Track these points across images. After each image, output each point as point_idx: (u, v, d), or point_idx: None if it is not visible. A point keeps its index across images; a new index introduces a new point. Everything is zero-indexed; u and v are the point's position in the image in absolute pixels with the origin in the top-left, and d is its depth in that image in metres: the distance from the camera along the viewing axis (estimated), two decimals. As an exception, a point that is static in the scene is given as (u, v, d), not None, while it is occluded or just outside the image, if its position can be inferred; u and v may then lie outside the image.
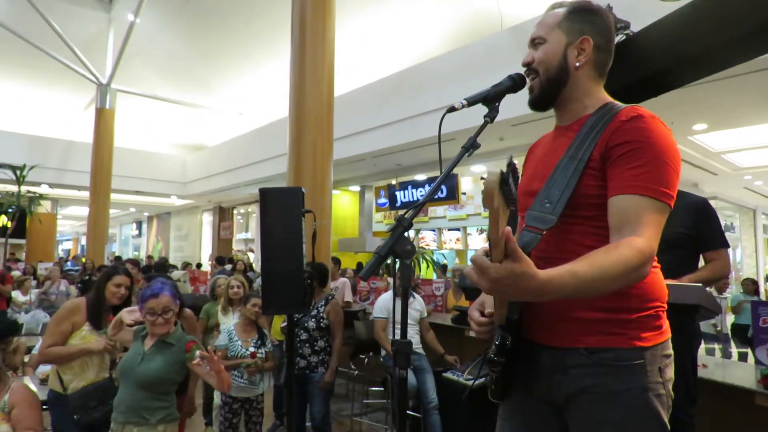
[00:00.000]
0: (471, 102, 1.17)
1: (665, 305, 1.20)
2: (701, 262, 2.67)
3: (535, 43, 1.27)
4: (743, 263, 14.24)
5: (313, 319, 3.53)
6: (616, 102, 1.25)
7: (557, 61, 1.24)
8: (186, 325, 3.06)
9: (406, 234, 1.08)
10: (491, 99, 1.20)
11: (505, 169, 0.85)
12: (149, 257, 15.87)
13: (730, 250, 2.63)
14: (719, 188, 11.64)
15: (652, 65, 2.40)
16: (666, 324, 1.19)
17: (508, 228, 0.89)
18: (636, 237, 1.04)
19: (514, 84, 1.24)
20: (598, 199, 1.15)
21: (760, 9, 1.92)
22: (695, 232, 2.51)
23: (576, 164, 1.16)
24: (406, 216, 1.07)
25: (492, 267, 0.89)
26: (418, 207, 1.13)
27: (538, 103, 1.28)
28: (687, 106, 5.93)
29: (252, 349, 3.30)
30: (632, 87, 2.43)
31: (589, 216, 1.17)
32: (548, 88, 1.25)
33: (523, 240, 1.17)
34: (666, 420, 1.14)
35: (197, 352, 2.24)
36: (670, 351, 1.18)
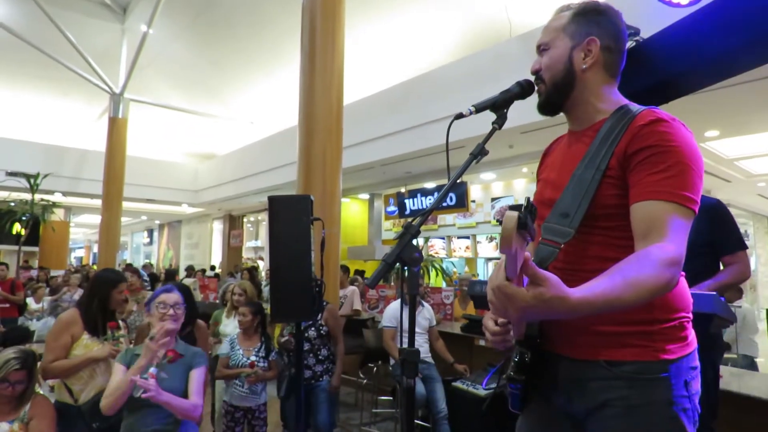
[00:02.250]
0: (479, 109, 1.15)
1: (690, 315, 1.15)
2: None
3: (540, 49, 1.25)
4: (758, 271, 14.01)
5: (313, 329, 3.51)
6: (633, 104, 1.20)
7: (563, 65, 1.20)
8: (199, 336, 3.07)
9: (414, 241, 1.07)
10: (499, 106, 1.18)
11: (522, 211, 0.81)
12: (145, 266, 15.15)
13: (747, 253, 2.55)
14: (732, 195, 11.50)
15: (670, 68, 2.36)
16: (692, 335, 1.14)
17: (527, 254, 0.85)
18: (665, 244, 1.00)
19: (522, 90, 1.22)
20: (618, 209, 1.11)
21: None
22: (712, 237, 2.45)
23: (593, 173, 1.12)
24: (413, 223, 1.06)
25: (520, 294, 0.85)
26: (425, 214, 1.12)
27: (545, 108, 1.26)
28: (699, 113, 5.88)
29: (252, 359, 3.28)
30: (649, 91, 2.40)
31: (609, 227, 1.13)
32: (554, 93, 1.22)
33: (539, 255, 1.13)
34: None
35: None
36: (697, 363, 1.14)
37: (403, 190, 10.85)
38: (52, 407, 2.38)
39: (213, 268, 13.78)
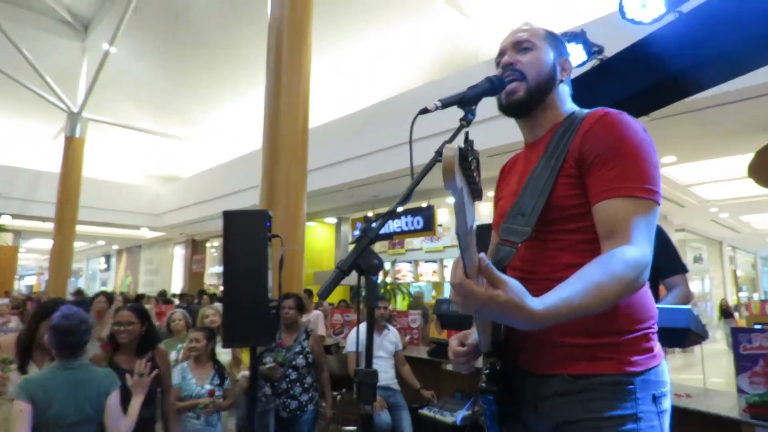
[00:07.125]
0: (446, 104, 1.09)
1: (655, 326, 1.10)
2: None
3: (523, 47, 1.22)
4: (712, 293, 14.49)
5: (301, 356, 3.35)
6: (584, 109, 1.22)
7: (549, 68, 1.21)
8: (160, 362, 2.83)
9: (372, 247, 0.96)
10: (467, 101, 1.11)
11: (464, 145, 0.76)
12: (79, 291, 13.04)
13: (698, 280, 2.53)
14: (687, 220, 11.91)
15: (665, 70, 2.33)
16: (658, 347, 1.09)
17: (482, 255, 0.82)
18: (628, 246, 0.96)
19: (492, 86, 1.16)
20: (579, 209, 1.07)
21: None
22: (653, 262, 2.40)
23: (549, 173, 1.10)
24: (373, 225, 0.95)
25: (477, 291, 0.81)
26: (386, 217, 1.01)
27: (521, 107, 1.20)
28: (657, 138, 6.04)
29: (209, 387, 3.05)
30: (653, 88, 2.36)
31: (572, 229, 1.08)
32: (536, 91, 1.19)
33: (498, 255, 1.10)
34: None
35: None
36: (666, 378, 1.07)
37: (370, 214, 10.77)
38: None
39: (141, 296, 11.90)
